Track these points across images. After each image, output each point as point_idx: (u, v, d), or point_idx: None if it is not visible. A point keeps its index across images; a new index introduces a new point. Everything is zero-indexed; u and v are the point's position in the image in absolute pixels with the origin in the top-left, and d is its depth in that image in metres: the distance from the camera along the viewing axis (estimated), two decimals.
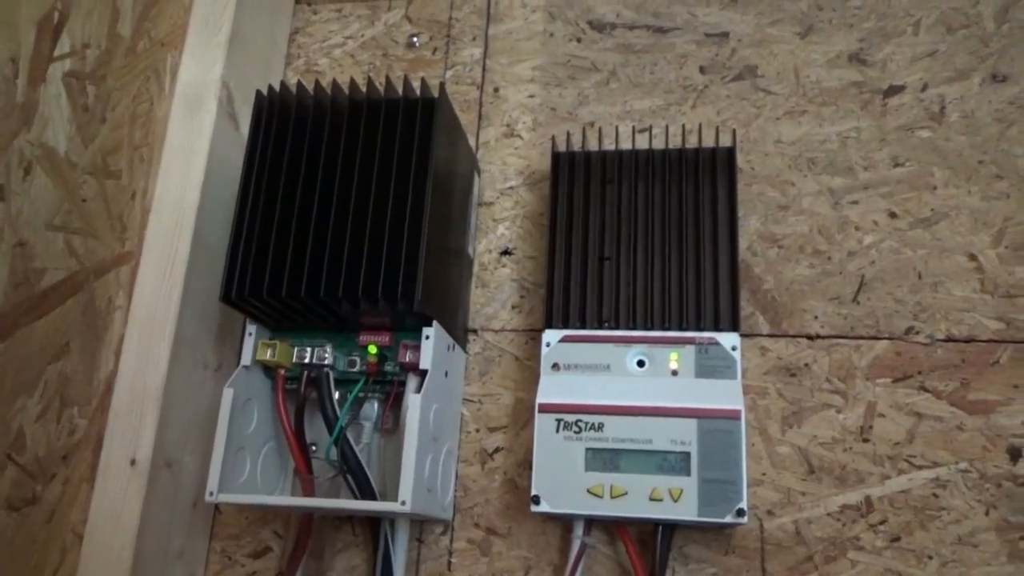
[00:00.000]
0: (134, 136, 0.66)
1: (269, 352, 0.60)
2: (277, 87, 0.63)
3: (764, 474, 0.62)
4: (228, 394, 0.58)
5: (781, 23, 0.75)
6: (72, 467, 0.59)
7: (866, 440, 0.62)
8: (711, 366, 0.59)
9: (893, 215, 0.67)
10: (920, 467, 0.60)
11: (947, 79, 0.70)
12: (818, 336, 0.65)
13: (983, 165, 0.67)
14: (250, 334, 0.61)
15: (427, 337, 0.59)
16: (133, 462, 0.60)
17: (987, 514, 0.59)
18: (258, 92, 0.63)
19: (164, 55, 0.70)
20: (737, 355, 0.59)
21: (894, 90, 0.70)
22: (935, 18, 0.72)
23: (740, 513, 0.54)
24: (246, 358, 0.61)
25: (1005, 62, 0.69)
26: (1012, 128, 0.67)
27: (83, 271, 0.61)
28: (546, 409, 0.59)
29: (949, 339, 0.63)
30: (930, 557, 0.58)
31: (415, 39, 0.81)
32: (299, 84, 0.63)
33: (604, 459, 0.58)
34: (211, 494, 0.56)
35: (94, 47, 0.62)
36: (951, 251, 0.65)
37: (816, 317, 0.65)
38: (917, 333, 0.64)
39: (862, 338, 0.64)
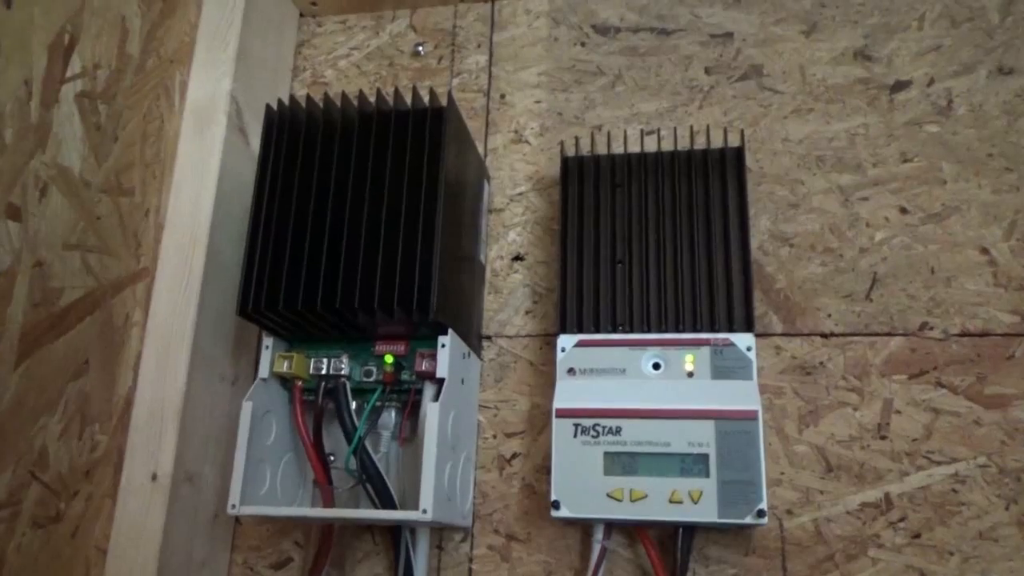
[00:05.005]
0: (146, 153, 0.67)
1: (286, 364, 0.60)
2: (285, 100, 0.63)
3: (782, 473, 0.62)
4: (247, 407, 0.58)
5: (785, 22, 0.75)
6: (95, 483, 0.60)
7: (883, 437, 0.62)
8: (727, 367, 0.59)
9: (904, 211, 0.67)
10: (938, 463, 0.60)
11: (953, 73, 0.70)
12: (832, 334, 0.65)
13: (992, 158, 0.67)
14: (267, 347, 0.62)
15: (443, 345, 0.59)
16: (154, 477, 0.60)
17: (1007, 508, 0.59)
18: (268, 107, 0.63)
19: (173, 72, 0.70)
20: (752, 355, 0.59)
21: (900, 85, 0.71)
22: (939, 12, 0.72)
23: (760, 514, 0.54)
24: (263, 371, 0.61)
25: (1011, 54, 0.69)
26: (1020, 120, 0.67)
27: (100, 289, 0.61)
28: (563, 414, 0.60)
29: (964, 334, 0.63)
30: (951, 553, 0.58)
31: (420, 48, 0.81)
32: (308, 97, 0.63)
33: (623, 463, 0.58)
34: (233, 507, 0.56)
35: (104, 67, 0.62)
36: (963, 245, 0.65)
37: (830, 315, 0.65)
38: (931, 328, 0.63)
39: (876, 335, 0.64)
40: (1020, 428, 0.60)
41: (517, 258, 0.73)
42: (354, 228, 0.59)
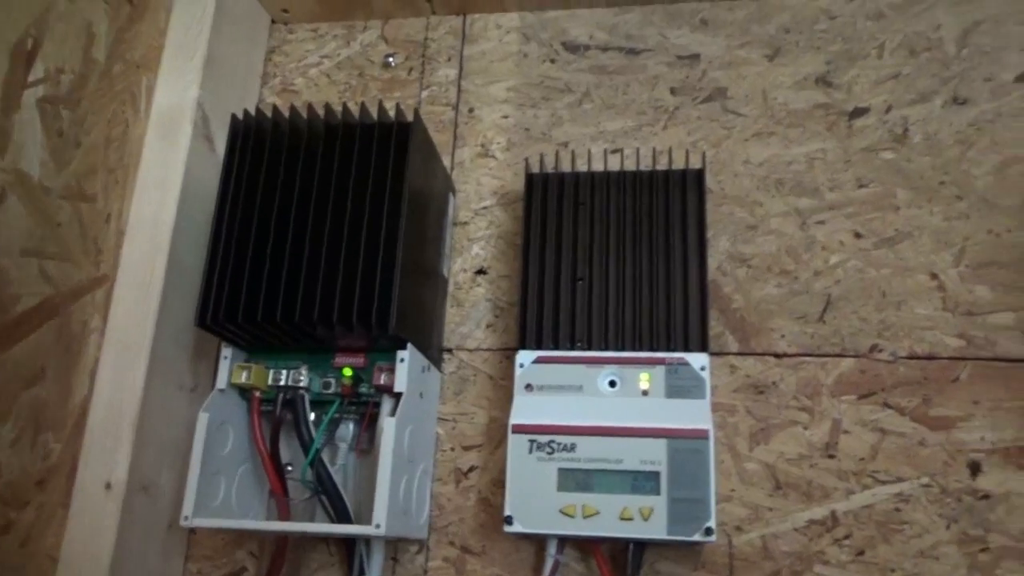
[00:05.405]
0: (109, 159, 0.66)
1: (244, 375, 0.60)
2: (254, 107, 0.64)
3: (733, 490, 0.63)
4: (203, 419, 0.58)
5: (750, 45, 0.76)
6: (47, 492, 0.59)
7: (831, 456, 0.63)
8: (681, 386, 0.61)
9: (858, 235, 0.69)
10: (884, 482, 0.62)
11: (910, 101, 0.72)
12: (785, 354, 0.66)
13: (944, 186, 0.69)
14: (225, 357, 0.62)
15: (402, 360, 0.60)
16: (108, 486, 0.60)
17: (948, 528, 0.60)
18: (233, 116, 0.63)
19: (139, 78, 0.70)
20: (706, 375, 0.61)
21: (859, 112, 0.72)
22: (898, 41, 0.74)
23: (708, 532, 0.56)
24: (221, 381, 0.61)
25: (966, 85, 0.71)
26: (971, 150, 0.69)
27: (58, 295, 0.61)
28: (519, 430, 0.60)
29: (911, 356, 0.65)
30: (893, 571, 0.60)
31: (391, 59, 0.82)
32: (274, 108, 0.64)
33: (576, 479, 0.59)
34: (186, 518, 0.56)
35: (68, 72, 0.62)
36: (913, 270, 0.67)
37: (783, 336, 0.67)
38: (881, 351, 0.65)
39: (828, 356, 0.66)
40: (963, 450, 0.62)
41: (480, 272, 0.73)
42: (316, 241, 0.59)
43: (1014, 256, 0.66)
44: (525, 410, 0.61)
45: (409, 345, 0.60)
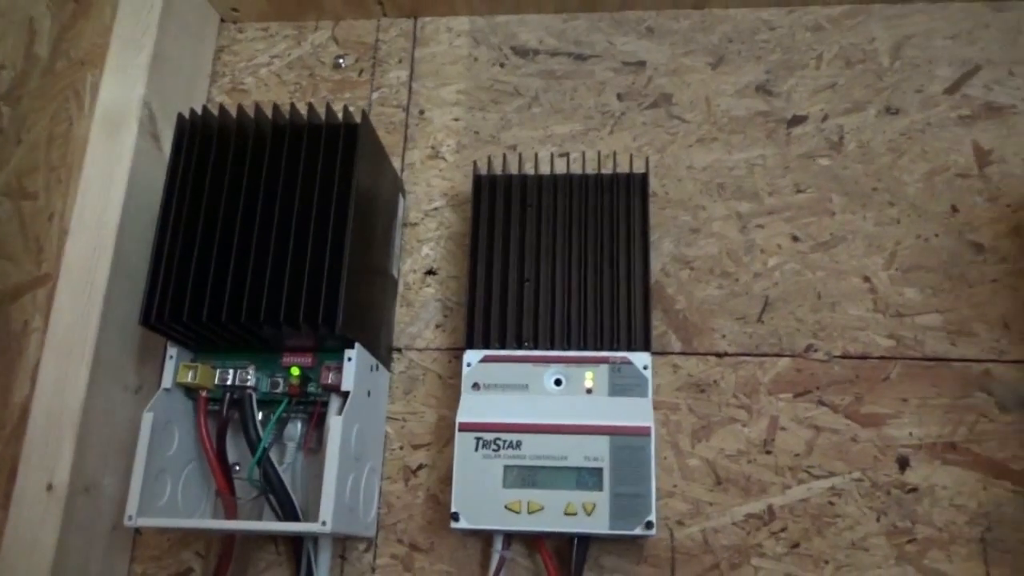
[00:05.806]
0: (51, 157, 0.66)
1: (190, 375, 0.60)
2: (202, 106, 0.63)
3: (675, 486, 0.65)
4: (148, 419, 0.58)
5: (694, 54, 0.78)
6: None
7: (769, 452, 0.65)
8: (624, 384, 0.62)
9: (795, 239, 0.71)
10: (818, 477, 0.64)
11: (845, 110, 0.75)
12: (726, 354, 0.68)
13: (877, 192, 0.72)
14: (171, 357, 0.61)
15: (349, 359, 0.60)
16: (50, 487, 0.59)
17: (878, 520, 0.63)
18: (180, 115, 0.63)
19: (84, 75, 0.69)
20: (648, 374, 0.62)
21: (797, 120, 0.75)
22: (835, 52, 0.77)
23: (649, 526, 0.57)
24: (167, 381, 0.61)
25: (898, 95, 0.74)
26: (903, 158, 0.72)
27: None
28: (466, 428, 0.61)
29: (845, 356, 0.67)
30: (826, 562, 0.62)
31: (341, 60, 0.82)
32: (221, 108, 0.63)
33: (522, 476, 0.60)
34: (129, 518, 0.56)
35: (9, 68, 0.61)
36: (847, 273, 0.70)
37: (724, 336, 0.69)
38: (816, 351, 0.68)
39: (766, 355, 0.68)
40: (892, 445, 0.65)
41: (430, 272, 0.74)
42: (262, 241, 0.59)
43: (941, 260, 0.69)
44: (472, 408, 0.62)
45: (357, 344, 0.61)
